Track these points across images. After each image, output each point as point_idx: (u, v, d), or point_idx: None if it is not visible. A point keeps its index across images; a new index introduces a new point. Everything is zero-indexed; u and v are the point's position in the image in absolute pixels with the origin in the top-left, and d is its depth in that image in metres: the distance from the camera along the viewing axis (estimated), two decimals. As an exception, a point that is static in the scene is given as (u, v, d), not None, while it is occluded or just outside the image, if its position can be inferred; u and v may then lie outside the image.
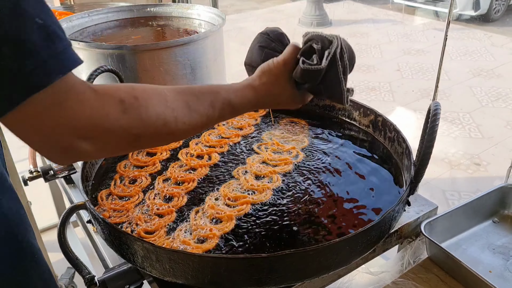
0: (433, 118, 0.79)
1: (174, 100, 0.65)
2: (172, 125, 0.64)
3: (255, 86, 0.79)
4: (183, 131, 0.67)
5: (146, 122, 0.60)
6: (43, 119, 0.51)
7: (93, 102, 0.55)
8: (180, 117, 0.65)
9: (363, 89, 4.76)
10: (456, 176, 3.33)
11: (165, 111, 0.63)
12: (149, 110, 0.61)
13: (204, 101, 0.70)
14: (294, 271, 0.73)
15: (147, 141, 0.63)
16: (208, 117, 0.70)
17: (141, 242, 0.74)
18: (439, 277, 0.92)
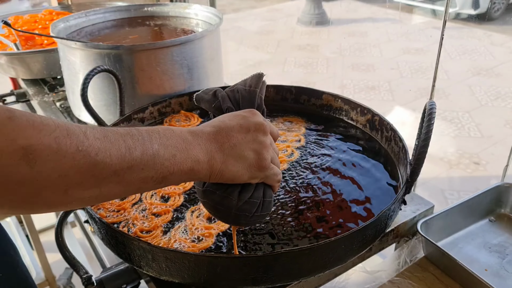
0: (429, 117, 0.79)
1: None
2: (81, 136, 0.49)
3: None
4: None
5: (47, 128, 0.47)
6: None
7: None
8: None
9: (362, 88, 4.77)
10: (455, 175, 3.34)
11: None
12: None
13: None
14: (290, 270, 0.73)
15: (45, 159, 0.46)
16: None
17: (137, 241, 0.74)
18: (435, 276, 0.92)
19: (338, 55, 5.83)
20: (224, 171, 0.62)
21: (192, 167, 0.59)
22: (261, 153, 0.65)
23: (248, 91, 0.72)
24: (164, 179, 0.57)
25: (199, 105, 0.77)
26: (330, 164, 1.06)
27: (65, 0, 2.24)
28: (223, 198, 0.66)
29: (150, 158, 0.54)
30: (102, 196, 0.52)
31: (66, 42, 1.23)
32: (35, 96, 1.59)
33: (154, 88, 1.24)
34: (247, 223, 0.70)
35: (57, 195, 0.48)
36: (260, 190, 0.68)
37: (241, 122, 0.64)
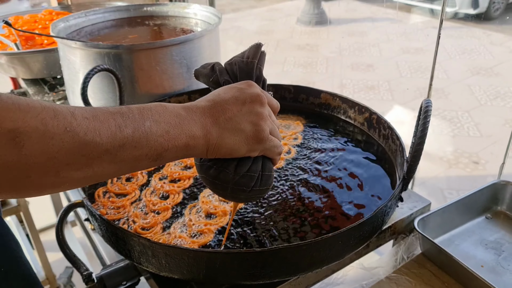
0: (425, 115, 0.80)
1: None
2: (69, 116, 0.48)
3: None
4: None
5: (33, 111, 0.45)
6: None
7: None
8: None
9: (362, 88, 4.78)
10: (454, 174, 3.34)
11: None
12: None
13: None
14: (288, 266, 0.74)
15: (33, 141, 0.45)
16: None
17: (137, 237, 0.75)
18: (432, 272, 0.93)
19: (337, 54, 5.84)
20: (221, 145, 0.61)
21: (188, 142, 0.58)
22: (259, 124, 0.63)
23: (246, 62, 0.69)
24: (159, 156, 0.56)
25: (198, 80, 0.75)
26: (327, 161, 1.07)
27: (65, 0, 2.25)
28: (219, 172, 0.64)
29: (142, 135, 0.53)
30: (96, 175, 0.51)
31: (66, 42, 1.24)
32: (35, 96, 1.60)
33: (153, 87, 1.25)
34: (246, 198, 0.68)
35: (48, 177, 0.48)
36: (258, 163, 0.66)
37: (236, 95, 0.63)
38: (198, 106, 0.61)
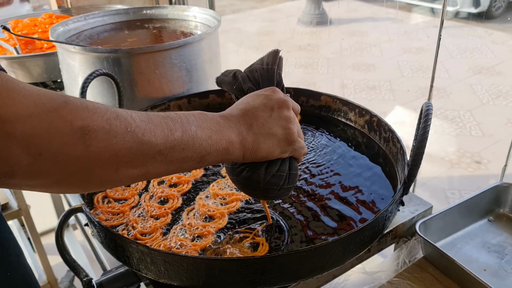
0: (425, 118, 0.79)
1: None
2: (130, 119, 0.53)
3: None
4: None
5: (98, 112, 0.50)
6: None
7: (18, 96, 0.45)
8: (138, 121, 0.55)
9: (363, 88, 4.76)
10: (456, 174, 3.33)
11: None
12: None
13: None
14: (288, 272, 0.73)
15: (99, 138, 0.49)
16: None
17: (136, 244, 0.75)
18: (434, 276, 0.93)
19: (338, 55, 5.82)
20: (257, 150, 0.65)
21: (227, 147, 0.62)
22: (289, 127, 0.68)
23: (267, 69, 0.73)
24: (202, 158, 0.60)
25: (221, 88, 0.79)
26: (328, 164, 1.06)
27: (65, 3, 2.25)
28: (252, 174, 0.68)
29: (189, 139, 0.58)
30: (148, 174, 0.56)
31: (65, 46, 1.24)
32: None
33: (152, 91, 1.25)
34: (275, 196, 0.72)
35: (109, 173, 0.52)
36: (286, 163, 0.70)
37: (264, 101, 0.67)
38: (232, 115, 0.66)
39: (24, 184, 0.49)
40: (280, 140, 0.67)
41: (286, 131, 0.67)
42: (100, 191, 0.53)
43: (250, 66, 0.76)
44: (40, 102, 0.46)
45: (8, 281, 0.75)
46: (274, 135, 0.67)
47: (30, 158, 0.45)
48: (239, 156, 0.65)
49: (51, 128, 0.46)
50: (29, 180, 0.48)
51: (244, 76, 0.74)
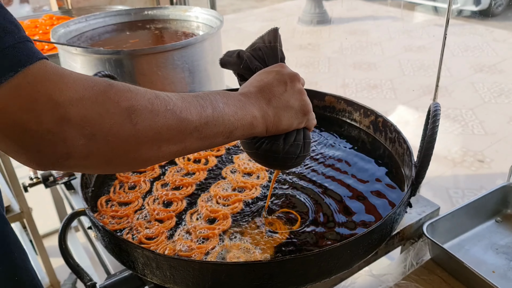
0: (433, 119, 0.78)
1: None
2: (169, 102, 0.56)
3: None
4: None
5: (140, 93, 0.54)
6: (4, 115, 0.45)
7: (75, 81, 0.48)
8: (175, 100, 0.58)
9: (364, 87, 4.75)
10: (459, 173, 3.31)
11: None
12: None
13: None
14: (295, 276, 0.72)
15: (144, 117, 0.52)
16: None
17: (141, 249, 0.74)
18: (442, 279, 0.92)
19: (339, 54, 5.81)
20: (278, 123, 0.70)
21: (252, 122, 0.66)
22: (303, 99, 0.72)
23: (270, 47, 0.77)
24: (230, 133, 0.64)
25: (225, 68, 0.82)
26: (334, 164, 1.05)
27: (65, 5, 2.24)
28: (271, 145, 0.72)
29: (219, 115, 0.61)
30: (186, 150, 0.59)
31: (66, 48, 1.23)
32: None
33: (155, 92, 1.23)
34: (292, 164, 0.76)
35: (153, 151, 0.55)
36: (300, 133, 0.75)
37: (277, 77, 0.71)
38: (251, 92, 0.69)
39: (78, 164, 0.51)
40: (297, 112, 0.71)
41: (301, 103, 0.72)
42: (145, 168, 0.62)
43: (251, 45, 0.79)
44: (88, 85, 0.49)
45: (18, 284, 0.74)
46: (292, 107, 0.71)
47: (85, 139, 0.48)
48: (263, 130, 0.69)
49: (101, 109, 0.49)
50: (83, 160, 0.50)
51: (249, 55, 0.78)
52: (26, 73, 0.45)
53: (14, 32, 0.47)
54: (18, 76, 0.45)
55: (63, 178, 1.33)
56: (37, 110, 0.45)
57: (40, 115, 0.45)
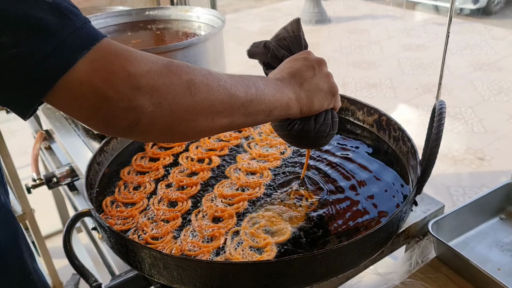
0: (439, 117, 0.78)
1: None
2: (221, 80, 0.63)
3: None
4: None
5: (196, 68, 0.60)
6: (86, 87, 0.51)
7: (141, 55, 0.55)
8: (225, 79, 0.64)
9: (364, 86, 4.75)
10: (460, 171, 3.32)
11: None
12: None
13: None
14: (303, 276, 0.72)
15: (201, 90, 0.59)
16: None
17: (148, 250, 0.73)
18: (448, 276, 0.92)
19: (338, 53, 5.81)
20: (311, 104, 0.76)
21: (288, 102, 0.71)
22: (331, 82, 0.78)
23: (294, 36, 0.83)
24: (270, 112, 0.69)
25: (253, 58, 0.88)
26: (337, 163, 1.05)
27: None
28: (303, 126, 0.78)
29: (261, 94, 0.67)
30: (233, 124, 0.65)
31: (69, 49, 1.22)
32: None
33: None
34: (323, 143, 0.83)
35: (207, 121, 0.61)
36: (329, 113, 0.81)
37: (305, 63, 0.77)
38: (284, 77, 0.75)
39: (145, 131, 0.56)
40: (326, 93, 0.77)
41: (330, 85, 0.78)
42: (197, 139, 0.69)
43: (276, 35, 0.85)
44: (153, 60, 0.56)
45: (32, 284, 0.75)
46: (322, 89, 0.77)
47: (153, 106, 0.54)
48: (297, 111, 0.74)
49: (166, 81, 0.55)
50: (149, 126, 0.55)
51: (275, 45, 0.84)
52: (97, 50, 0.51)
53: (79, 14, 0.52)
54: (92, 52, 0.50)
55: (66, 179, 1.33)
56: (114, 80, 0.51)
57: (117, 85, 0.52)
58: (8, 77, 0.48)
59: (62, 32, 0.49)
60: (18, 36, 0.47)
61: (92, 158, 1.01)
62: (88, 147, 1.31)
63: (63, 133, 1.39)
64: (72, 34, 0.50)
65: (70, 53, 0.49)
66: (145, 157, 1.12)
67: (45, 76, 0.49)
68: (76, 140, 1.35)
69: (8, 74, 0.48)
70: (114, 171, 1.08)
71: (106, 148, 1.08)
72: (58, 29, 0.49)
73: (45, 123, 1.57)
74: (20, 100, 0.51)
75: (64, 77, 0.49)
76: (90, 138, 1.35)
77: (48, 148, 1.64)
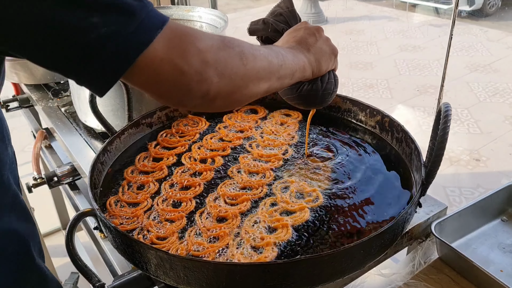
0: (445, 119, 0.79)
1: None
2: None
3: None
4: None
5: (242, 41, 0.68)
6: (165, 63, 0.56)
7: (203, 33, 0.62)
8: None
9: (361, 87, 4.77)
10: (456, 172, 3.34)
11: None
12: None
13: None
14: (309, 277, 0.72)
15: (250, 59, 0.66)
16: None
17: (155, 250, 0.73)
18: (451, 278, 0.92)
19: (336, 53, 5.81)
20: (319, 66, 0.84)
21: (303, 66, 0.80)
22: (331, 44, 0.87)
23: (289, 11, 0.94)
24: (293, 75, 0.77)
25: (254, 35, 0.97)
26: (341, 163, 1.06)
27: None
28: (312, 85, 0.87)
29: (286, 60, 0.75)
30: (270, 89, 0.73)
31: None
32: (39, 102, 1.58)
33: (161, 92, 1.23)
34: (329, 100, 0.92)
35: (255, 87, 0.68)
36: (331, 73, 0.90)
37: (307, 31, 0.85)
38: (292, 46, 0.82)
39: (212, 100, 0.62)
40: (330, 55, 0.86)
41: (331, 47, 0.87)
42: (246, 104, 0.73)
43: (271, 13, 0.95)
44: (211, 36, 0.63)
45: (48, 282, 0.78)
46: (325, 52, 0.85)
47: (218, 77, 0.61)
48: (310, 73, 0.83)
49: (225, 54, 0.62)
50: (215, 95, 0.62)
51: (274, 20, 0.94)
52: (168, 29, 0.57)
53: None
54: (165, 31, 0.56)
55: (67, 178, 1.32)
56: (188, 56, 0.58)
57: (190, 60, 0.58)
58: (95, 54, 0.53)
59: (141, 13, 0.54)
60: (107, 16, 0.52)
61: (96, 157, 1.00)
62: (89, 146, 1.31)
63: (64, 131, 1.38)
64: (148, 15, 0.55)
65: (149, 31, 0.55)
66: (148, 157, 1.12)
67: (128, 52, 0.54)
68: (77, 139, 1.34)
69: (95, 51, 0.53)
70: (116, 171, 1.08)
71: (109, 148, 1.08)
72: (137, 10, 0.54)
73: (45, 122, 1.56)
74: (102, 77, 0.55)
75: (144, 54, 0.55)
76: (92, 137, 1.35)
77: (49, 147, 1.64)
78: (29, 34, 0.51)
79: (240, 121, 1.27)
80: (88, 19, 0.51)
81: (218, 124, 1.25)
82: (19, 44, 0.53)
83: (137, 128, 1.17)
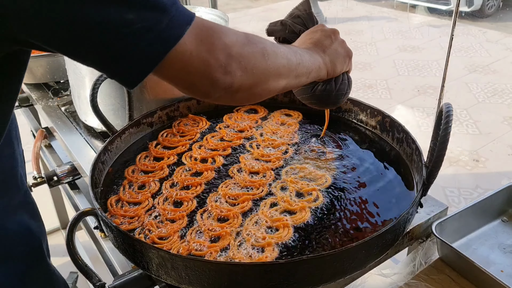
0: (446, 120, 0.79)
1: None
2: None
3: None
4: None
5: (263, 38, 0.71)
6: (194, 57, 0.59)
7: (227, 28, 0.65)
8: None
9: (360, 87, 4.77)
10: (455, 172, 3.34)
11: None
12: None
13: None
14: (311, 277, 0.73)
15: (271, 56, 0.69)
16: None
17: (157, 250, 0.73)
18: (451, 278, 0.92)
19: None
20: (334, 67, 0.87)
21: (319, 66, 0.83)
22: (346, 47, 0.90)
23: (307, 13, 0.96)
24: (309, 74, 0.80)
25: (272, 36, 0.99)
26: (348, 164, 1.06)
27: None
28: (326, 86, 0.91)
29: (303, 59, 0.78)
30: (287, 86, 0.76)
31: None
32: (39, 101, 1.58)
33: (161, 92, 1.23)
34: (342, 100, 0.94)
35: (274, 83, 0.72)
36: (344, 75, 0.93)
37: (322, 34, 0.88)
38: (308, 47, 0.85)
39: (234, 93, 0.65)
40: (344, 57, 0.89)
41: (346, 49, 0.90)
42: (264, 99, 0.74)
43: (289, 15, 0.98)
44: (235, 31, 0.65)
45: (57, 279, 0.81)
46: (340, 54, 0.88)
47: (241, 71, 0.64)
48: (325, 74, 0.86)
49: (249, 48, 0.66)
50: (238, 88, 0.65)
51: (291, 22, 0.96)
52: (196, 24, 0.59)
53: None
54: (193, 27, 0.59)
55: (67, 177, 1.32)
56: (215, 50, 0.61)
57: (217, 54, 0.61)
58: (129, 50, 0.55)
59: (171, 9, 0.56)
60: (142, 13, 0.54)
61: (97, 157, 1.00)
62: (90, 145, 1.31)
63: (64, 131, 1.38)
64: (178, 11, 0.57)
65: (179, 27, 0.57)
66: (149, 156, 1.12)
67: (160, 47, 0.56)
68: (77, 138, 1.34)
69: (130, 47, 0.55)
70: (117, 170, 1.07)
71: (110, 147, 1.07)
72: (169, 7, 0.56)
73: (45, 121, 1.56)
74: (134, 71, 0.57)
75: (175, 48, 0.57)
76: (92, 137, 1.34)
77: (48, 146, 1.63)
78: (65, 31, 0.53)
79: (241, 120, 1.27)
80: (123, 15, 0.53)
81: (218, 123, 1.25)
82: (55, 39, 0.54)
83: (138, 128, 1.17)
